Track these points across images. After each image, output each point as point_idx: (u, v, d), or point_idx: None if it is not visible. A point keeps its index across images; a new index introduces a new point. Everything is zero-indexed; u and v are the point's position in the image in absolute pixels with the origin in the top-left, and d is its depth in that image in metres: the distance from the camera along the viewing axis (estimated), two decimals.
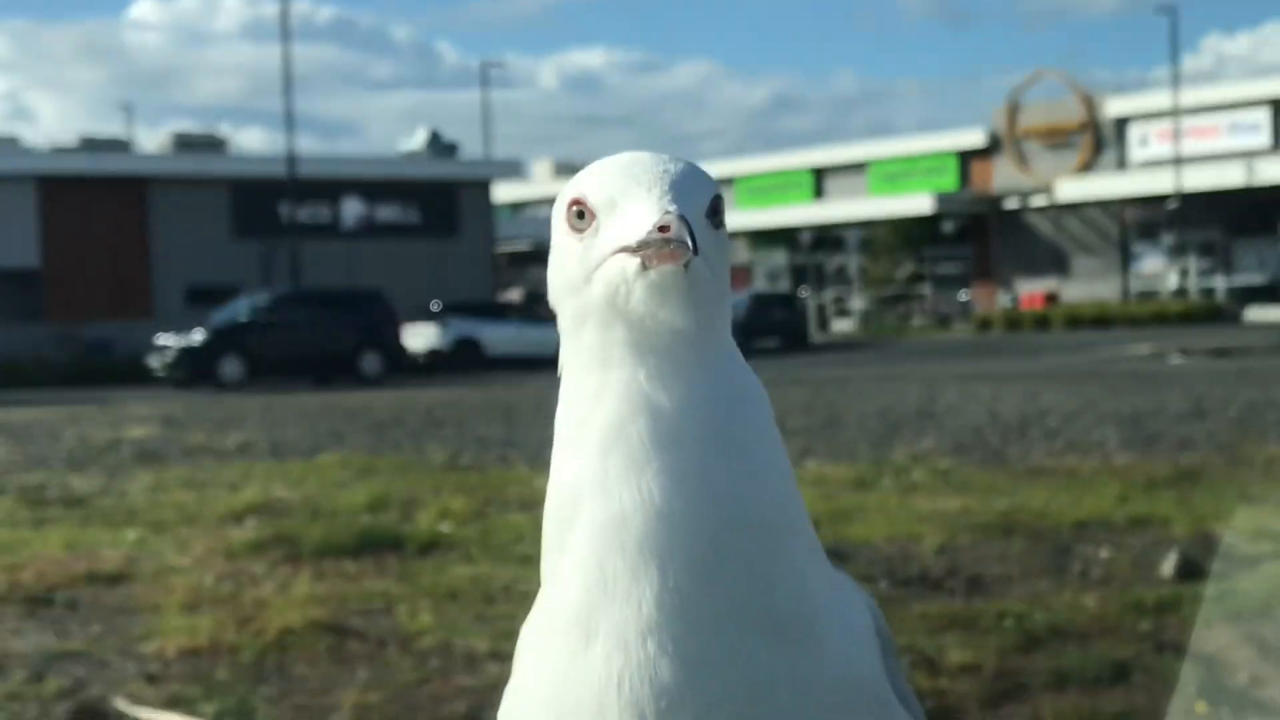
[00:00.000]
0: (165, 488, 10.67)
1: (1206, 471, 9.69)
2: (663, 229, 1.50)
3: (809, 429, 14.25)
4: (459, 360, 34.21)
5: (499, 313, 36.39)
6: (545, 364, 34.91)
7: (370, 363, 30.78)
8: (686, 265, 1.50)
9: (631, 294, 1.54)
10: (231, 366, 29.61)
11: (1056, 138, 54.26)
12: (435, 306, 35.96)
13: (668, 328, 1.54)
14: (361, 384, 29.75)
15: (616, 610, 1.50)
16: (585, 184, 1.59)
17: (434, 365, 34.16)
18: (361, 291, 33.22)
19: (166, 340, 30.37)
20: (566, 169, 71.88)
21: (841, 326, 56.75)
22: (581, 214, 1.59)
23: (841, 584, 1.65)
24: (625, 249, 1.52)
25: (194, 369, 29.47)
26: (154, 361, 30.29)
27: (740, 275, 59.09)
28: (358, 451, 13.31)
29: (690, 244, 1.48)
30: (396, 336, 31.51)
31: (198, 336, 29.78)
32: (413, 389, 26.06)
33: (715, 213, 1.59)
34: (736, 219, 56.86)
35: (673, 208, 1.51)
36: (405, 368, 31.55)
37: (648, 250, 1.51)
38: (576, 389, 1.59)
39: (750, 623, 1.50)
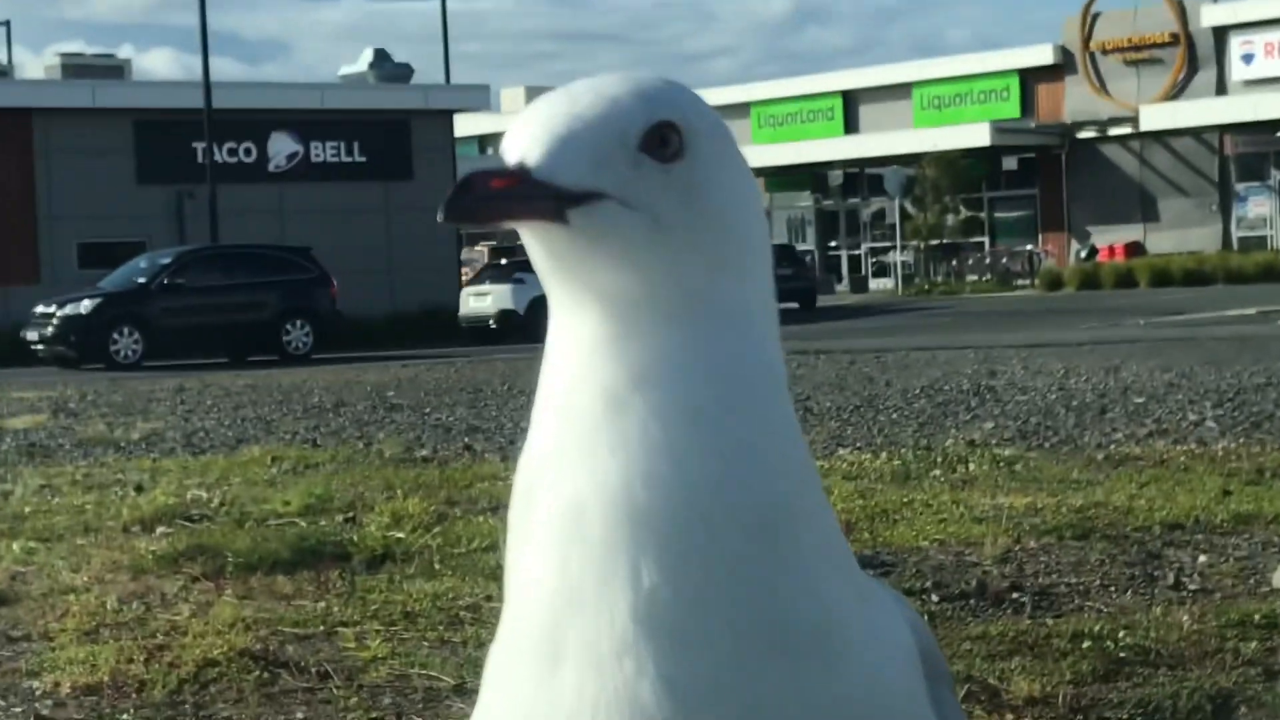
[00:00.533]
0: (57, 489, 10.66)
1: None
2: (498, 179, 1.52)
3: (841, 410, 14.26)
4: (536, 325, 34.31)
5: None
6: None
7: (298, 334, 30.71)
8: (562, 220, 1.51)
9: (539, 258, 1.57)
10: (126, 341, 29.52)
11: (1141, 53, 54.20)
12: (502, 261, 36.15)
13: (600, 291, 1.55)
14: (288, 359, 29.67)
15: (586, 622, 1.50)
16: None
17: (503, 331, 34.06)
18: (286, 248, 33.17)
19: (46, 309, 30.20)
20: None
21: (881, 286, 56.80)
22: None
23: (875, 595, 1.64)
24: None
25: (80, 344, 29.33)
26: (31, 335, 30.14)
27: None
28: (291, 443, 13.30)
29: (514, 203, 1.50)
30: (329, 301, 31.42)
31: (85, 304, 29.64)
32: (433, 360, 26.05)
33: (663, 143, 1.57)
34: (750, 156, 56.72)
35: (533, 155, 1.52)
36: (339, 337, 31.42)
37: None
38: (548, 348, 1.60)
39: (748, 637, 1.50)
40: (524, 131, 1.55)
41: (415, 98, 45.27)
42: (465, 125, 56.88)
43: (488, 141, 68.85)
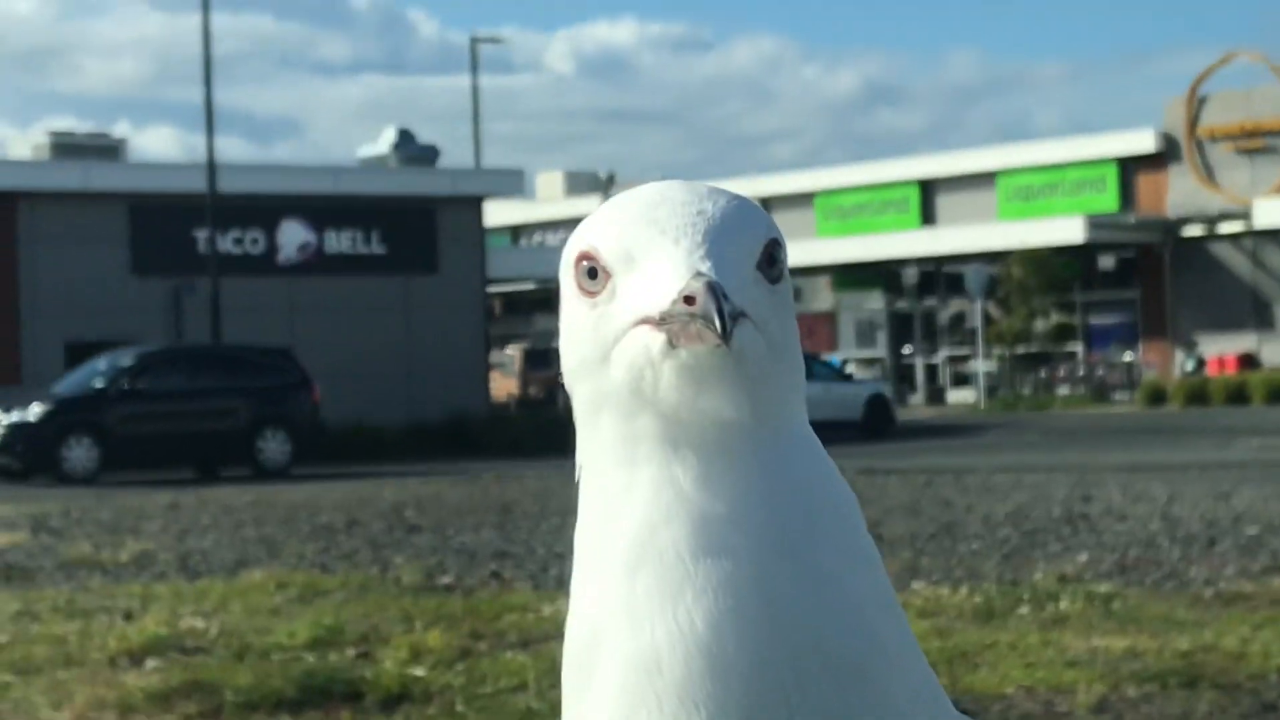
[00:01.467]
0: (36, 615, 10.68)
1: None
2: (688, 299, 1.53)
3: (915, 539, 14.20)
4: None
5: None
6: (847, 427, 34.84)
7: (273, 445, 30.61)
8: (727, 340, 1.53)
9: (659, 379, 1.58)
10: (80, 451, 29.46)
11: (1255, 140, 54.24)
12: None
13: (711, 419, 1.57)
14: (263, 473, 29.63)
15: None
16: (596, 232, 1.62)
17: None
18: (262, 348, 33.15)
19: None
20: (583, 183, 72.30)
21: (960, 398, 56.69)
22: (593, 272, 1.63)
23: None
24: (647, 320, 1.57)
25: (27, 454, 29.34)
26: None
27: (821, 330, 59.13)
28: (298, 567, 13.31)
29: (719, 322, 1.51)
30: (310, 408, 31.25)
31: (34, 410, 29.66)
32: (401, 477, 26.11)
33: (772, 262, 1.62)
34: (814, 251, 57.10)
35: (705, 266, 1.54)
36: (316, 450, 31.24)
37: (672, 325, 1.55)
38: (597, 492, 1.62)
39: None
40: (685, 242, 1.57)
41: (442, 183, 45.56)
42: (497, 213, 57.27)
43: (521, 231, 69.31)
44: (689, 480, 1.57)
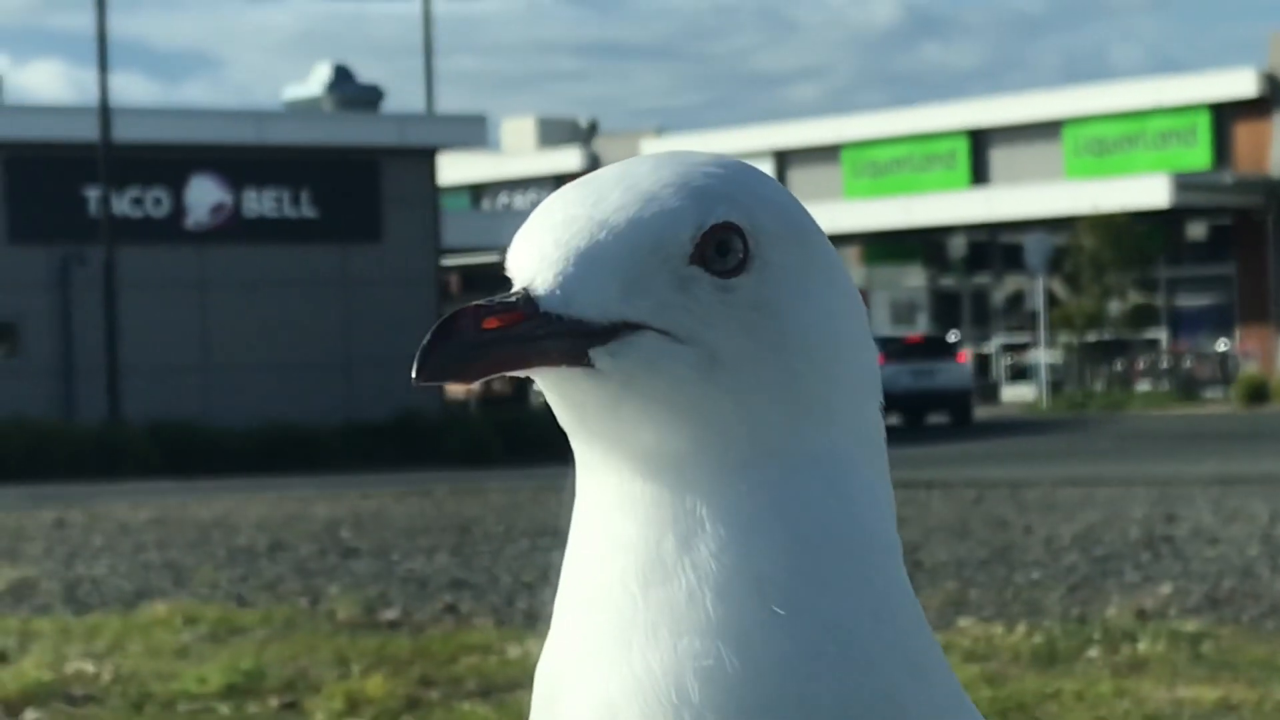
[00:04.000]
0: None
1: None
2: (494, 315, 1.58)
3: (962, 566, 14.21)
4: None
5: (888, 346, 40.29)
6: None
7: None
8: (585, 362, 1.57)
9: (556, 408, 1.64)
10: None
11: None
12: None
13: (633, 449, 1.60)
14: None
15: None
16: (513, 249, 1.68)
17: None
18: None
19: None
20: (560, 133, 72.22)
21: (1018, 394, 56.71)
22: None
23: None
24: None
25: None
26: None
27: None
28: (211, 598, 13.30)
29: (514, 346, 1.56)
30: None
31: None
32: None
33: (720, 253, 1.61)
34: (840, 215, 57.02)
35: (528, 273, 1.59)
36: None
37: (525, 349, 1.59)
38: (576, 516, 1.64)
39: None
40: (529, 247, 1.60)
41: (387, 131, 45.47)
42: (453, 169, 57.21)
43: (483, 191, 69.28)
44: (636, 504, 1.59)
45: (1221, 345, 55.53)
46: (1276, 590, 12.32)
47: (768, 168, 51.93)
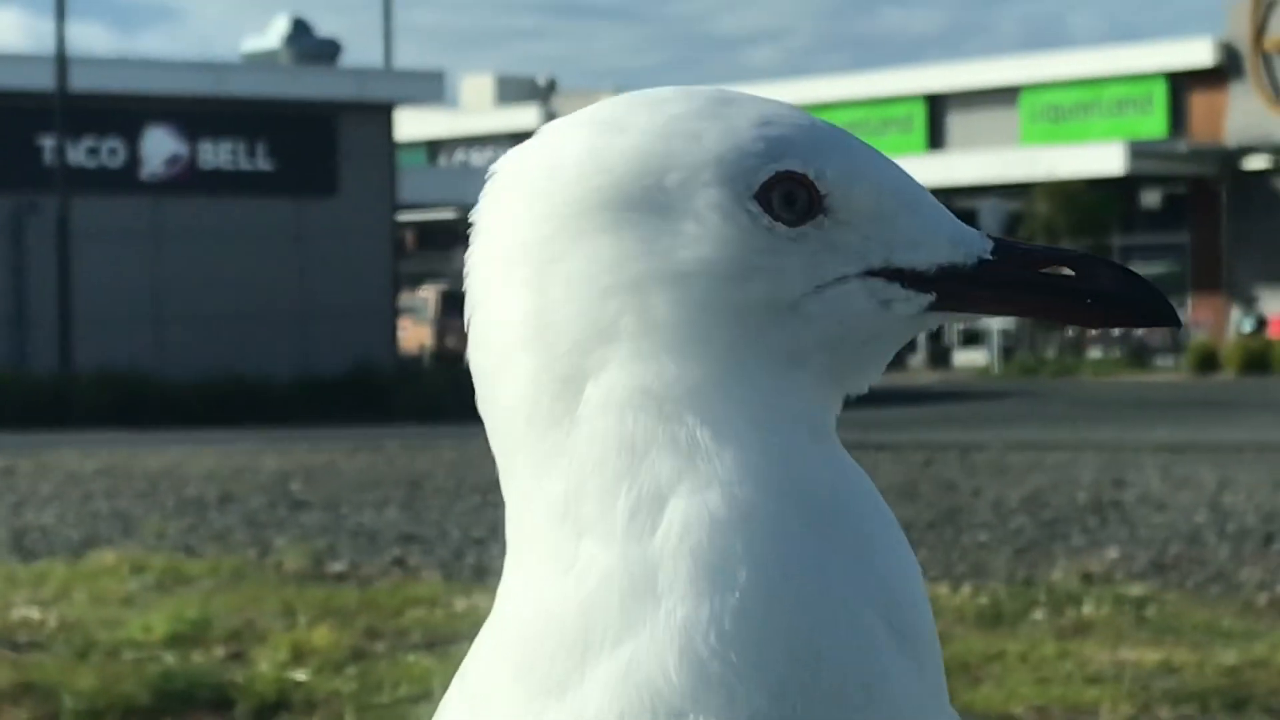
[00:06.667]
0: None
1: None
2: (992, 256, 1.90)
3: (910, 527, 14.25)
4: None
5: None
6: None
7: None
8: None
9: (868, 342, 1.79)
10: None
11: None
12: None
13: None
14: None
15: None
16: (807, 147, 1.83)
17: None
18: None
19: None
20: (518, 90, 72.09)
21: (969, 360, 56.88)
22: (795, 200, 1.81)
23: None
24: (940, 269, 1.86)
25: None
26: None
27: None
28: (158, 548, 13.30)
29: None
30: None
31: None
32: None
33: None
34: None
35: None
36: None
37: (946, 284, 1.83)
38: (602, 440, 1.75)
39: None
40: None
41: (344, 85, 45.40)
42: (411, 125, 57.13)
43: (440, 148, 69.16)
44: (799, 451, 1.83)
45: None
46: (1221, 557, 12.39)
47: None
